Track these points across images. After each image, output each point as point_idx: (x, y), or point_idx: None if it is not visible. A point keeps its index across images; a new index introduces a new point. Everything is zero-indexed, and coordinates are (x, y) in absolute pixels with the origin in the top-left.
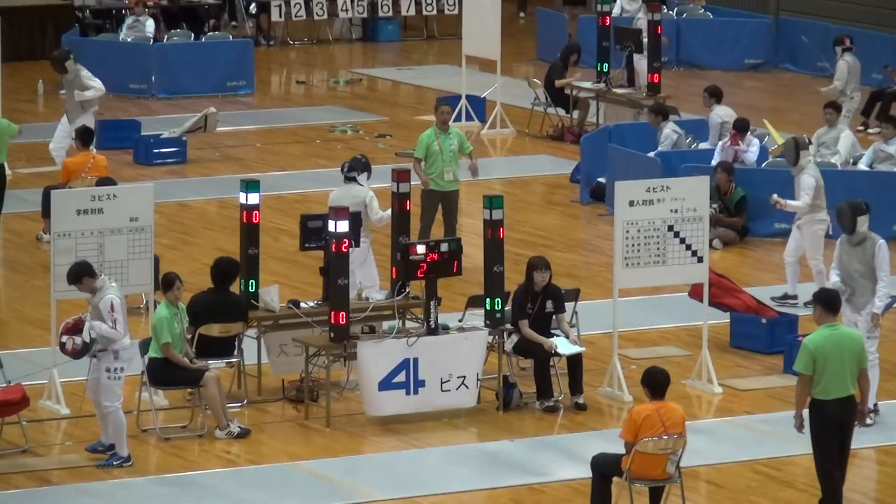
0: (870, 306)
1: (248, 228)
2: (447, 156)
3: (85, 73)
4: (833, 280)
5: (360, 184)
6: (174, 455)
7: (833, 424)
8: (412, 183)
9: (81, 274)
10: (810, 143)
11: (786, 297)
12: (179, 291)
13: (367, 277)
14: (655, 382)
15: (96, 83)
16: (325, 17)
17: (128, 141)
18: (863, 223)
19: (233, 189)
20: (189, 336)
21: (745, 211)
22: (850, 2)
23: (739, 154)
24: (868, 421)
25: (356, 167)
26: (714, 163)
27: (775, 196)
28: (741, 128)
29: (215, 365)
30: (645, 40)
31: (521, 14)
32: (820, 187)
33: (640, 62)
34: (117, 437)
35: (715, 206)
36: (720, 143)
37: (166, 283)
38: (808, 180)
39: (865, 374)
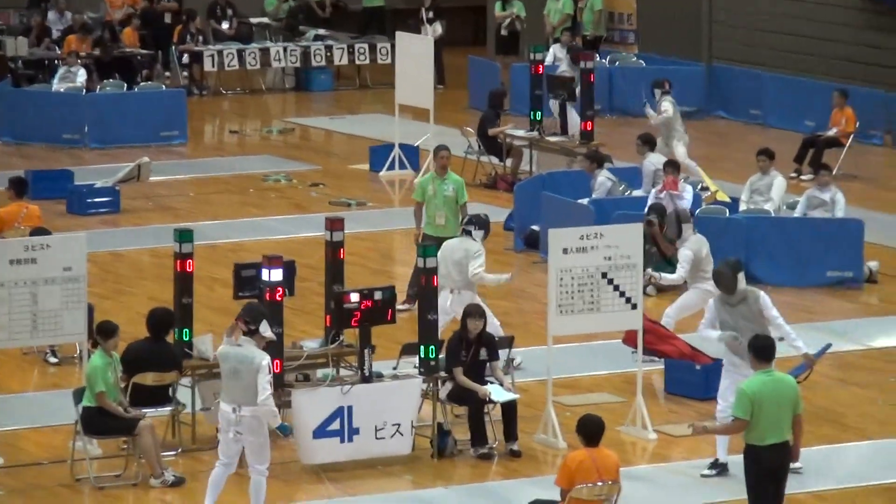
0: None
1: (182, 278)
2: (440, 200)
3: None
4: (715, 334)
5: (473, 238)
6: None
7: (768, 470)
8: (346, 231)
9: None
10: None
11: None
12: (118, 340)
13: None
14: (590, 430)
15: None
16: (258, 66)
17: (61, 191)
18: (741, 280)
19: (166, 238)
20: (123, 385)
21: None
22: (782, 49)
23: (676, 199)
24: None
25: (474, 222)
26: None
27: (649, 271)
28: (672, 165)
29: (150, 414)
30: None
31: (440, 86)
32: (702, 259)
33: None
34: None
35: (649, 247)
36: (653, 190)
37: (108, 331)
38: (685, 253)
39: (800, 419)
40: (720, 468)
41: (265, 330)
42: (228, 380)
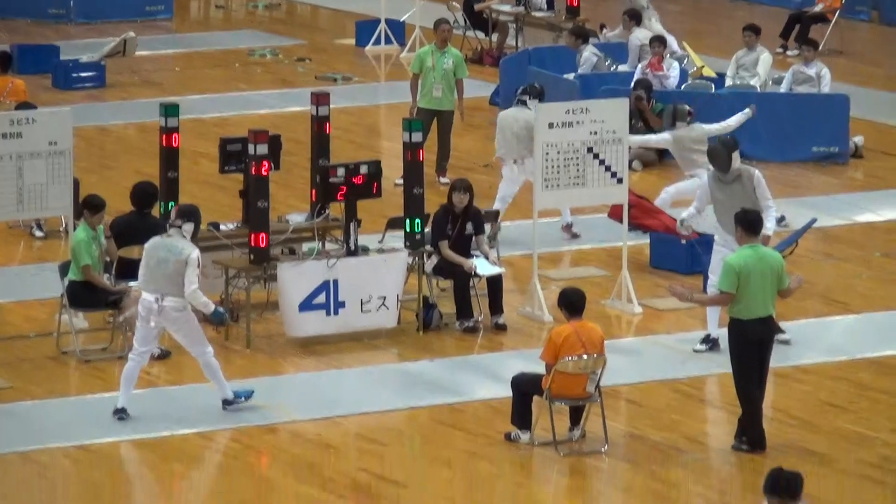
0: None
1: (168, 152)
2: (438, 73)
3: None
4: (685, 213)
5: (528, 108)
6: (94, 377)
7: (753, 344)
8: (332, 106)
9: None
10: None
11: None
12: (104, 215)
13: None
14: (571, 302)
15: None
16: None
17: (46, 65)
18: (736, 159)
19: (152, 113)
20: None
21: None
22: None
23: (661, 79)
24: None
25: (529, 92)
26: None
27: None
28: (659, 41)
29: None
30: None
31: None
32: (685, 147)
33: None
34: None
35: (635, 122)
36: (640, 65)
37: (96, 206)
38: (664, 135)
39: (788, 291)
40: (712, 343)
41: (188, 232)
42: (154, 269)
